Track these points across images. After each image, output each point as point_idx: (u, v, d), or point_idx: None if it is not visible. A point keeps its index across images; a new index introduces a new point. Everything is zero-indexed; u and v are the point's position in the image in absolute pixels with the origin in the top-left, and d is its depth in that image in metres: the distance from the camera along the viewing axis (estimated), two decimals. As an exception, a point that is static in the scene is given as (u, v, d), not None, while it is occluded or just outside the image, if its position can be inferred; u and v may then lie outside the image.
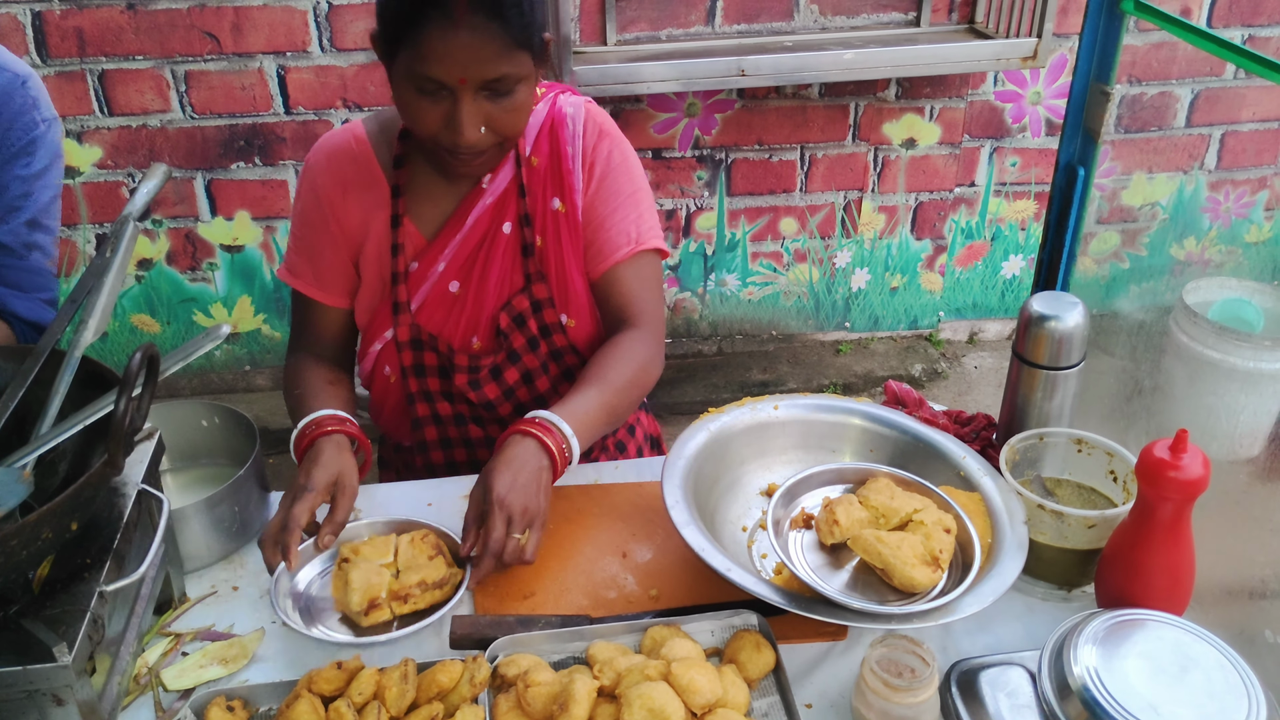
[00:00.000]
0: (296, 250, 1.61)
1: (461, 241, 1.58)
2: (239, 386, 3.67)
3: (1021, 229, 3.84)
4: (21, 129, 1.59)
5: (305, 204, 1.59)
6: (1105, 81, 1.41)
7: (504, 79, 1.35)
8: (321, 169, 1.57)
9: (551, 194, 1.59)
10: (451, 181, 1.57)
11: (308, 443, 1.41)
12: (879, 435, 1.47)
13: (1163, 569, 1.20)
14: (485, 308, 1.61)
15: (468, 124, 1.36)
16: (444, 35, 1.30)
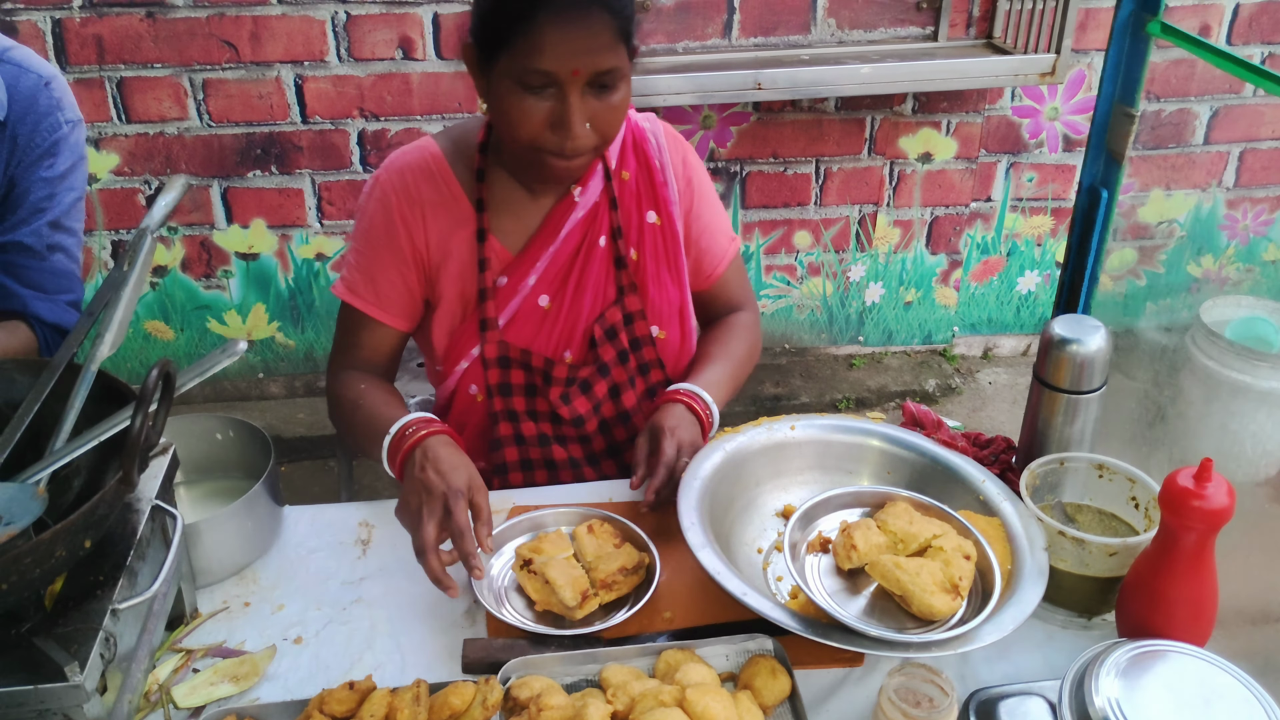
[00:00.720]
0: (358, 268, 1.57)
1: (554, 255, 1.57)
2: (252, 394, 3.67)
3: (1038, 245, 3.82)
4: (45, 131, 1.59)
5: (374, 222, 1.56)
6: (1129, 103, 1.39)
7: (612, 72, 1.35)
8: (396, 188, 1.54)
9: (646, 207, 1.62)
10: (536, 195, 1.57)
11: (411, 446, 1.36)
12: (897, 457, 1.46)
13: (1186, 599, 1.18)
14: (579, 321, 1.60)
15: (576, 120, 1.35)
16: (558, 25, 1.30)
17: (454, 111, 3.27)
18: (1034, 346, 4.00)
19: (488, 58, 1.38)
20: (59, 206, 1.63)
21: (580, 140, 1.37)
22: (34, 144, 1.58)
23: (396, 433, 1.38)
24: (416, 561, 1.26)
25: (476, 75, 1.43)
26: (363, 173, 3.33)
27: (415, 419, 1.39)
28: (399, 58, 3.19)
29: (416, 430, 1.37)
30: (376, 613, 1.34)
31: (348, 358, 1.61)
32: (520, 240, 1.58)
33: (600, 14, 1.32)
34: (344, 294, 1.58)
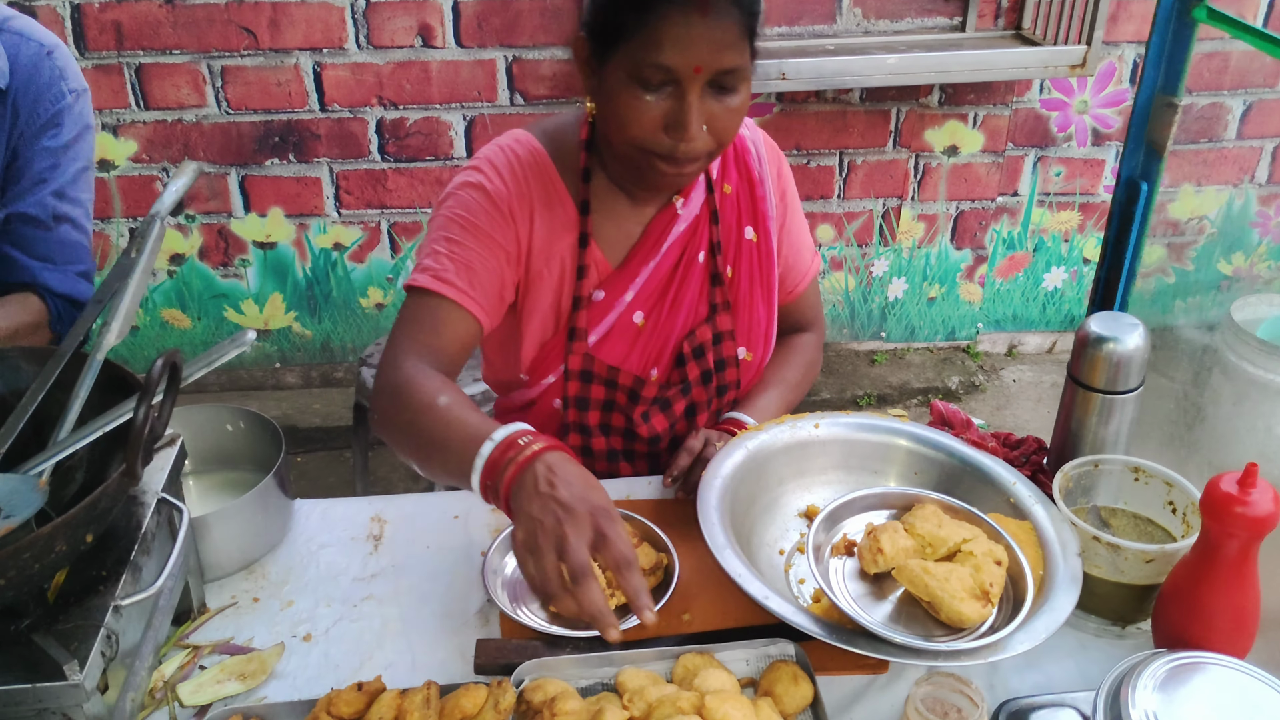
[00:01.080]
0: (451, 256, 1.41)
1: (653, 270, 1.50)
2: (268, 384, 3.66)
3: (1065, 240, 3.76)
4: (49, 101, 1.56)
5: (476, 211, 1.43)
6: (1173, 93, 1.34)
7: (734, 72, 1.28)
8: (506, 180, 1.44)
9: (745, 223, 1.55)
10: (638, 203, 1.49)
11: (529, 459, 1.13)
12: (924, 457, 1.41)
13: (1226, 609, 1.13)
14: (670, 338, 1.54)
15: (694, 121, 1.28)
16: (685, 18, 1.24)
17: (473, 100, 3.23)
18: (1060, 344, 3.94)
19: (602, 51, 1.31)
20: (63, 176, 1.61)
21: (695, 143, 1.30)
22: (36, 114, 1.55)
23: (503, 442, 1.16)
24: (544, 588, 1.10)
25: (586, 70, 1.36)
26: (380, 161, 3.30)
27: (523, 429, 1.18)
28: (418, 45, 3.16)
29: (531, 443, 1.15)
30: (388, 610, 1.31)
31: (418, 349, 1.37)
32: (620, 251, 1.50)
33: (728, 8, 1.25)
34: (431, 283, 1.39)
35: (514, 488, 1.13)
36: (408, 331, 1.39)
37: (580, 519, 1.09)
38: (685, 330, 1.54)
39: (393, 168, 3.33)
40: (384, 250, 3.46)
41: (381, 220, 3.41)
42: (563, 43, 3.17)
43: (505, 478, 1.14)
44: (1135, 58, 3.45)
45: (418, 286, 1.40)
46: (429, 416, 1.26)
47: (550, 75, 3.23)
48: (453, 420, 1.24)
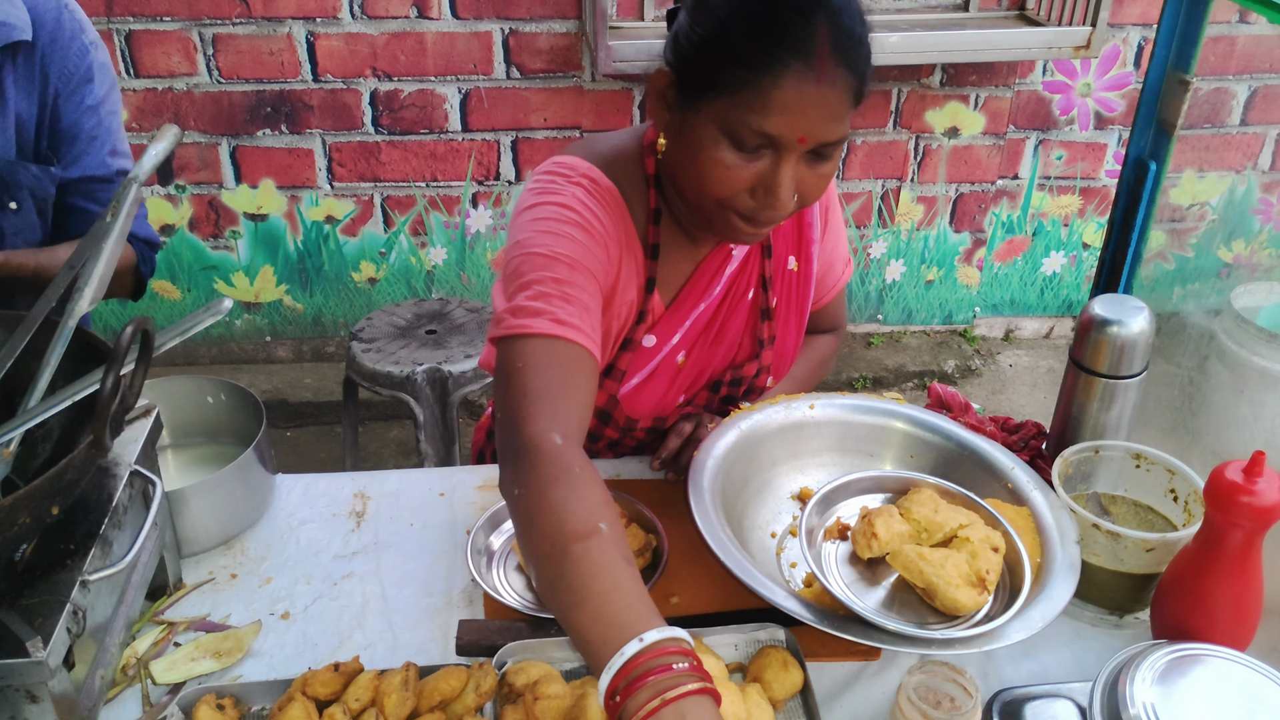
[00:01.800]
0: (565, 299, 1.18)
1: (703, 310, 1.41)
2: (259, 357, 3.62)
3: (1064, 225, 3.72)
4: (76, 56, 1.53)
5: (581, 255, 1.24)
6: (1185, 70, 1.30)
7: (837, 142, 1.17)
8: (600, 219, 1.27)
9: (789, 252, 1.47)
10: (696, 242, 1.38)
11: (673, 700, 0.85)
12: (921, 441, 1.38)
13: (1228, 600, 1.11)
14: (706, 371, 1.46)
15: (786, 189, 1.16)
16: (799, 85, 1.10)
17: (469, 74, 3.18)
18: (1057, 329, 3.91)
19: (691, 94, 1.17)
20: (111, 133, 1.60)
21: (786, 210, 1.19)
22: (68, 71, 1.52)
23: (641, 654, 0.88)
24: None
25: (662, 105, 1.23)
26: (374, 134, 3.25)
27: (670, 645, 0.88)
28: (413, 16, 3.10)
29: (678, 683, 0.86)
30: (369, 589, 1.28)
31: (564, 413, 1.10)
32: (672, 290, 1.40)
33: (844, 78, 1.12)
34: (559, 330, 1.16)
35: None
36: (547, 387, 1.12)
37: None
38: (725, 364, 1.47)
39: (386, 140, 3.28)
40: (376, 224, 3.41)
41: (375, 193, 3.36)
42: (560, 15, 3.12)
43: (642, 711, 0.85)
44: (1140, 40, 3.41)
45: (540, 334, 1.15)
46: (577, 549, 0.96)
47: (548, 49, 3.18)
48: (602, 573, 0.94)
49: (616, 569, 0.95)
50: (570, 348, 1.16)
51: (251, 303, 3.51)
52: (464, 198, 3.40)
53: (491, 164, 3.35)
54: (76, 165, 1.56)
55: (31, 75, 1.50)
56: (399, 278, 3.52)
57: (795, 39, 1.09)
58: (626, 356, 1.39)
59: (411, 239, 3.45)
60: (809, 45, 1.09)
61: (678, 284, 1.40)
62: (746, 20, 1.11)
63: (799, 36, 1.09)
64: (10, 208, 1.50)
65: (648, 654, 0.87)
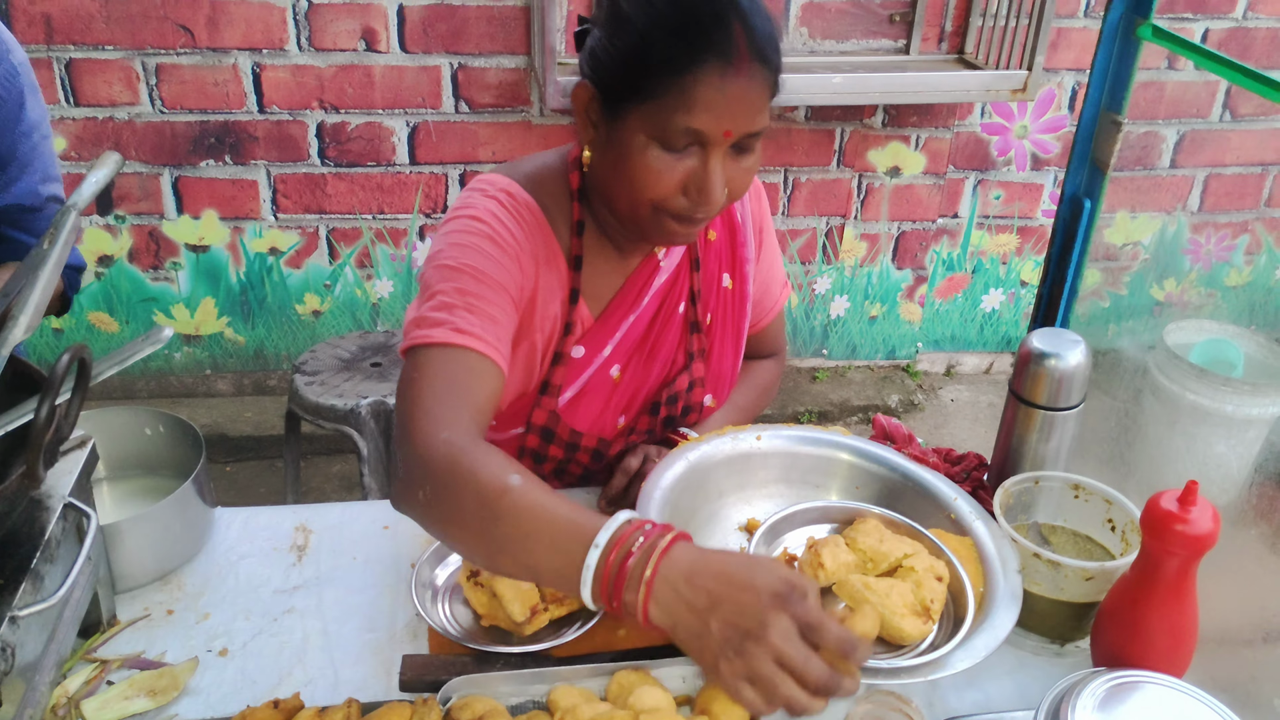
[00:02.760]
0: (469, 309, 1.22)
1: (634, 323, 1.43)
2: (199, 391, 3.55)
3: (1003, 263, 3.81)
4: (6, 79, 1.49)
5: (488, 258, 1.26)
6: (1117, 110, 1.35)
7: (759, 134, 1.22)
8: (513, 232, 1.30)
9: (724, 270, 1.50)
10: (624, 254, 1.41)
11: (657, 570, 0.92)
12: (866, 471, 1.39)
13: (1165, 628, 1.13)
14: (643, 388, 1.47)
15: (718, 183, 1.20)
16: (721, 82, 1.15)
17: (418, 107, 3.18)
18: (996, 365, 3.99)
19: (614, 105, 1.22)
20: (42, 158, 1.57)
21: (718, 204, 1.23)
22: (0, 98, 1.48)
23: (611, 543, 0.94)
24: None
25: (586, 120, 1.27)
26: (320, 165, 3.23)
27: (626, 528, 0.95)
28: (361, 49, 3.10)
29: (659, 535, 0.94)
30: (309, 624, 1.25)
31: (455, 416, 1.13)
32: (600, 303, 1.42)
33: (761, 70, 1.18)
34: (459, 339, 1.19)
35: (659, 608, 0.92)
36: (436, 392, 1.14)
37: (772, 618, 0.89)
38: (660, 380, 1.48)
39: (333, 172, 3.26)
40: (322, 256, 3.38)
41: (320, 225, 3.33)
42: (509, 51, 3.14)
43: (641, 598, 0.92)
44: (1074, 85, 3.52)
45: (436, 343, 1.18)
46: (503, 504, 0.99)
47: (496, 84, 3.19)
48: (537, 511, 0.99)
49: (548, 503, 0.99)
50: (468, 355, 1.19)
51: (192, 335, 3.45)
52: (411, 230, 3.38)
53: (439, 197, 3.34)
54: (7, 193, 1.53)
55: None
56: (344, 310, 3.49)
57: (714, 40, 1.16)
58: (559, 371, 1.41)
59: (357, 271, 3.43)
60: (727, 44, 1.16)
61: (606, 296, 1.42)
62: (665, 29, 1.17)
63: (717, 37, 1.16)
64: None
65: (615, 544, 0.93)
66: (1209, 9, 3.43)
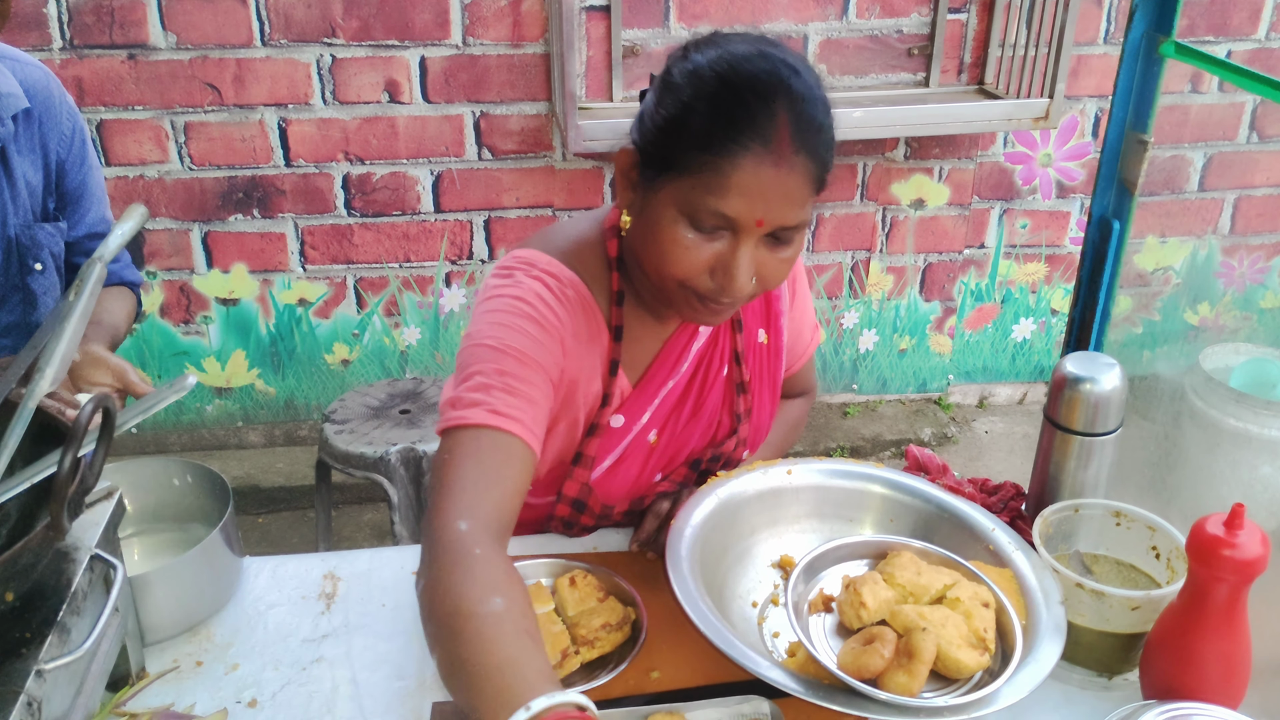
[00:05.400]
0: (512, 394, 1.18)
1: (672, 387, 1.39)
2: (230, 443, 3.57)
3: (1032, 292, 3.77)
4: (68, 117, 1.60)
5: (532, 350, 1.23)
6: (1143, 130, 1.33)
7: (797, 227, 1.17)
8: (557, 314, 1.27)
9: (758, 325, 1.46)
10: (662, 319, 1.37)
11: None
12: (900, 504, 1.37)
13: (1217, 658, 1.09)
14: (684, 449, 1.43)
15: (743, 272, 1.16)
16: (757, 168, 1.10)
17: (441, 155, 3.21)
18: (1030, 395, 3.93)
19: (653, 174, 1.18)
20: (102, 189, 1.70)
21: (742, 293, 1.18)
22: (64, 134, 1.59)
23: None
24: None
25: (626, 183, 1.24)
26: (347, 216, 3.27)
27: (558, 711, 0.88)
28: (385, 101, 3.14)
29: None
30: (339, 673, 1.24)
31: (477, 502, 1.11)
32: (639, 370, 1.38)
33: (804, 163, 1.12)
34: (498, 421, 1.16)
35: None
36: (465, 478, 1.12)
37: None
38: (705, 442, 1.45)
39: (359, 222, 3.29)
40: (349, 305, 3.41)
41: (348, 275, 3.36)
42: (530, 97, 3.17)
43: None
44: (1097, 111, 3.50)
45: (471, 424, 1.16)
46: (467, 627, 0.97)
47: (519, 130, 3.22)
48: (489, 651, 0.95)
49: (509, 643, 0.95)
50: (503, 438, 1.16)
51: (223, 388, 3.48)
52: (437, 277, 3.40)
53: (465, 244, 3.36)
54: (82, 224, 1.66)
55: (33, 142, 1.56)
56: (372, 359, 3.51)
57: (755, 123, 1.10)
58: (594, 442, 1.36)
59: (385, 319, 3.45)
60: (768, 130, 1.10)
61: (644, 362, 1.39)
62: (708, 103, 1.12)
63: (759, 121, 1.10)
64: (36, 269, 1.58)
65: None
66: (1231, 31, 3.41)
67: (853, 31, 3.27)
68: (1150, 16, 1.30)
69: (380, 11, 3.03)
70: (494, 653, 0.94)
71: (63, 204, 1.62)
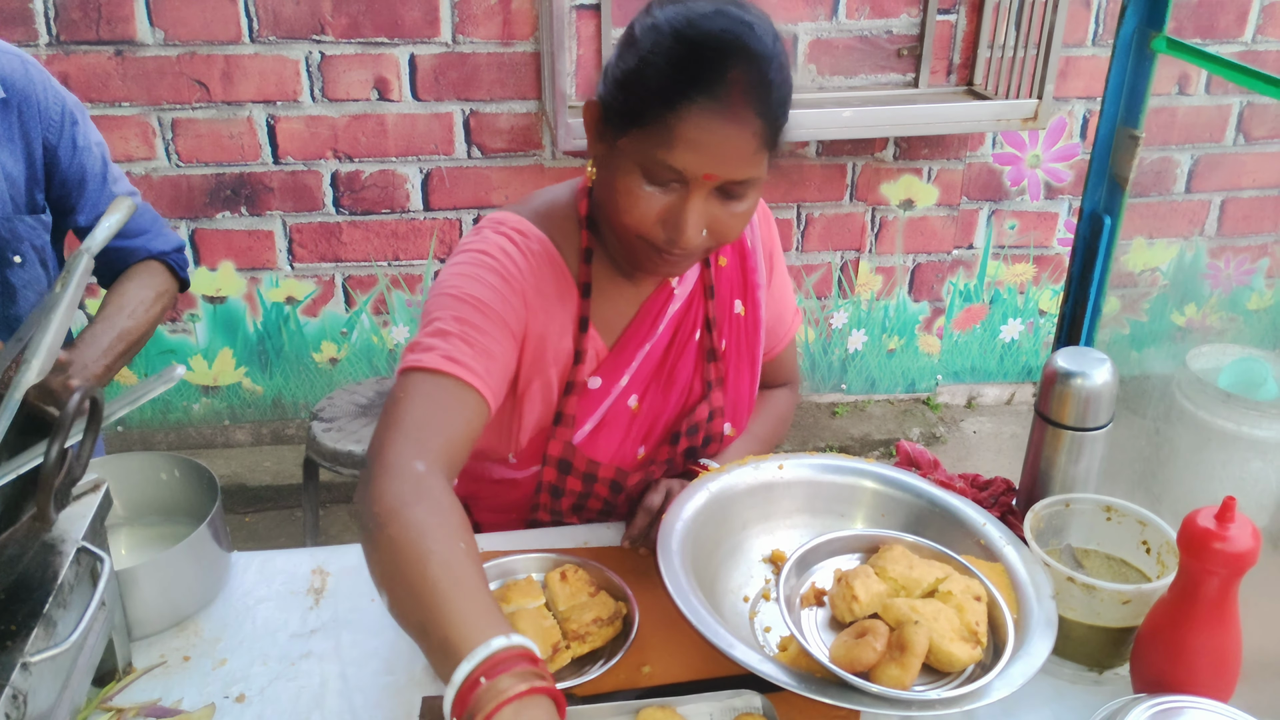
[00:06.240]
0: (464, 339, 1.23)
1: (650, 351, 1.42)
2: (217, 441, 3.55)
3: (1020, 292, 3.78)
4: (54, 102, 1.55)
5: (492, 294, 1.28)
6: (1134, 125, 1.33)
7: (745, 182, 1.20)
8: (520, 267, 1.31)
9: (735, 296, 1.48)
10: (635, 281, 1.41)
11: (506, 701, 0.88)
12: (891, 499, 1.37)
13: (1208, 651, 1.09)
14: (661, 417, 1.46)
15: (692, 224, 1.19)
16: (704, 123, 1.14)
17: (430, 154, 3.20)
18: (1018, 395, 3.95)
19: (614, 128, 1.22)
20: (108, 167, 1.64)
21: (692, 245, 1.22)
22: (50, 119, 1.54)
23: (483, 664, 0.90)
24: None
25: (594, 136, 1.28)
26: (335, 214, 3.25)
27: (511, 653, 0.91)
28: (374, 98, 3.13)
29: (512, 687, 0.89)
30: (328, 668, 1.23)
31: (426, 443, 1.14)
32: (614, 331, 1.41)
33: (753, 118, 1.15)
34: (447, 366, 1.20)
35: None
36: (417, 415, 1.16)
37: None
38: (679, 409, 1.46)
39: (347, 220, 3.28)
40: (338, 304, 3.39)
41: (336, 273, 3.35)
42: (519, 96, 3.17)
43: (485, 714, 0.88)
44: (1085, 112, 3.51)
45: (426, 368, 1.20)
46: (416, 568, 0.99)
47: (508, 129, 3.21)
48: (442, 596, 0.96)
49: (473, 584, 0.98)
50: (455, 385, 1.20)
51: (210, 386, 3.46)
52: (426, 276, 3.39)
53: (453, 242, 3.35)
54: (92, 207, 1.61)
55: (11, 133, 1.52)
56: (361, 357, 3.49)
57: (704, 78, 1.14)
58: (573, 401, 1.39)
59: (373, 318, 3.43)
60: (717, 85, 1.14)
61: (620, 324, 1.42)
62: (664, 57, 1.16)
63: (708, 76, 1.14)
64: (15, 262, 1.54)
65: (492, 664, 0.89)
66: (1218, 34, 3.43)
67: (843, 32, 3.27)
68: (1142, 12, 1.31)
69: (370, 9, 3.02)
70: (457, 596, 0.96)
71: (65, 190, 1.58)
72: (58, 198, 1.59)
